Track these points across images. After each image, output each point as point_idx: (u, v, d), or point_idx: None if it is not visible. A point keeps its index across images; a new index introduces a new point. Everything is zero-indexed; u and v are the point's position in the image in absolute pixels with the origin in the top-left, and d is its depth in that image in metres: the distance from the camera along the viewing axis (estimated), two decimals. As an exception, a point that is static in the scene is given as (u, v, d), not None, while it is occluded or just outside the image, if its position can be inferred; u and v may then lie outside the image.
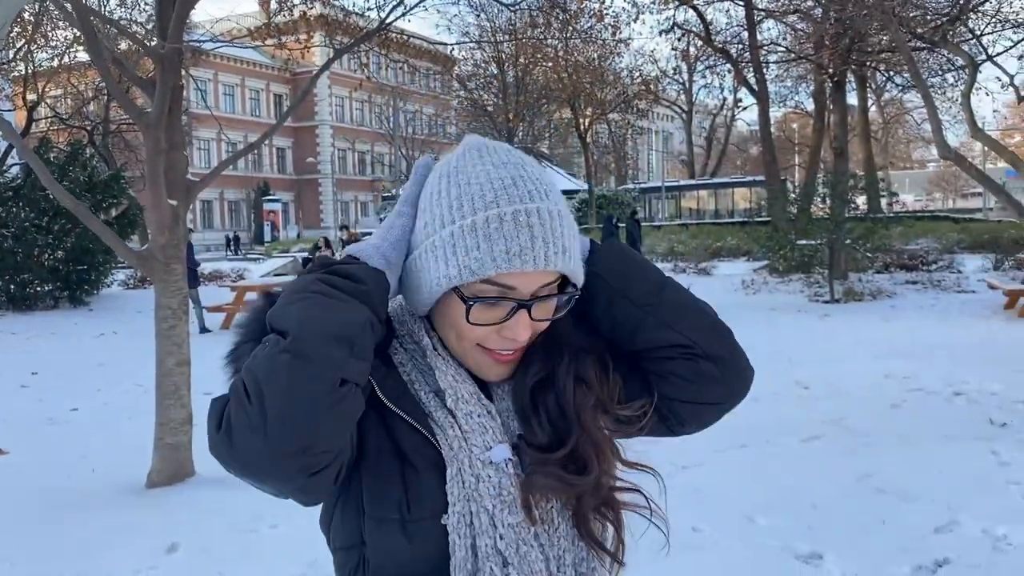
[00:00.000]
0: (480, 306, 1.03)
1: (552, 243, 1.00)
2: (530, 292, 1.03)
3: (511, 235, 0.99)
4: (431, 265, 1.03)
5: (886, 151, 54.59)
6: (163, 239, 5.47)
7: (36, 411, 7.85)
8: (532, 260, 0.99)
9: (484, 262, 0.99)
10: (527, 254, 0.99)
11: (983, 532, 4.17)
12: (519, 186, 1.02)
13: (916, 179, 78.92)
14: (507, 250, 0.99)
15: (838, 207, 15.19)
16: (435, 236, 1.03)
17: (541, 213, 1.01)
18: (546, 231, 1.00)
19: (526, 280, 1.02)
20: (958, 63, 18.23)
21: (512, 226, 0.99)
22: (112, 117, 26.00)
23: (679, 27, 21.65)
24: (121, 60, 6.03)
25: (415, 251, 1.06)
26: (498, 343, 1.06)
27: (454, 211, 1.02)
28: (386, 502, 1.04)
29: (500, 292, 1.02)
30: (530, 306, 1.03)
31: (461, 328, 1.06)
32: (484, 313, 1.03)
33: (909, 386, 7.62)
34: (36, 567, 4.15)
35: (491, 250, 0.99)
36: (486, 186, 1.02)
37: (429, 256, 1.04)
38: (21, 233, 16.30)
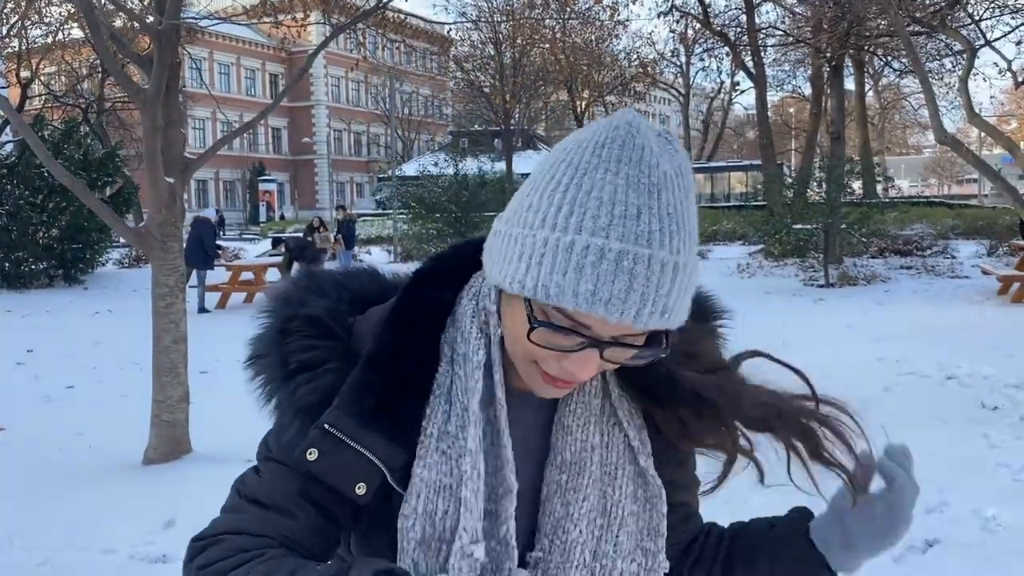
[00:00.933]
0: (546, 330, 0.87)
1: (652, 301, 0.83)
2: (609, 335, 0.86)
3: (606, 277, 0.82)
4: (511, 258, 0.87)
5: (883, 136, 54.57)
6: (160, 216, 5.47)
7: (32, 389, 7.86)
8: (619, 313, 0.82)
9: (564, 291, 0.83)
10: (615, 304, 0.82)
11: (973, 512, 4.22)
12: (641, 221, 0.83)
13: (912, 165, 78.94)
14: (594, 292, 0.82)
15: (834, 192, 15.21)
16: (526, 231, 0.86)
17: (652, 263, 0.83)
18: (649, 286, 0.83)
19: (607, 326, 0.85)
20: (956, 48, 18.23)
21: (612, 267, 0.82)
22: (107, 95, 25.86)
23: (677, 9, 21.61)
24: (118, 36, 6.01)
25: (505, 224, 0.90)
26: (556, 370, 0.89)
27: (559, 216, 0.85)
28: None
29: (572, 326, 0.86)
30: (604, 349, 0.87)
31: (518, 337, 0.90)
32: (549, 337, 0.87)
33: (902, 369, 7.66)
34: (34, 542, 4.18)
35: (577, 283, 0.82)
36: (605, 206, 0.83)
37: (511, 246, 0.88)
38: (16, 211, 16.27)
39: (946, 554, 3.79)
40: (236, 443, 3.31)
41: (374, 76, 47.17)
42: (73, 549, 4.08)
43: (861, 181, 19.54)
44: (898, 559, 3.76)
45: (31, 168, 16.16)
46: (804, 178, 17.09)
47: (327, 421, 0.89)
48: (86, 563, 3.96)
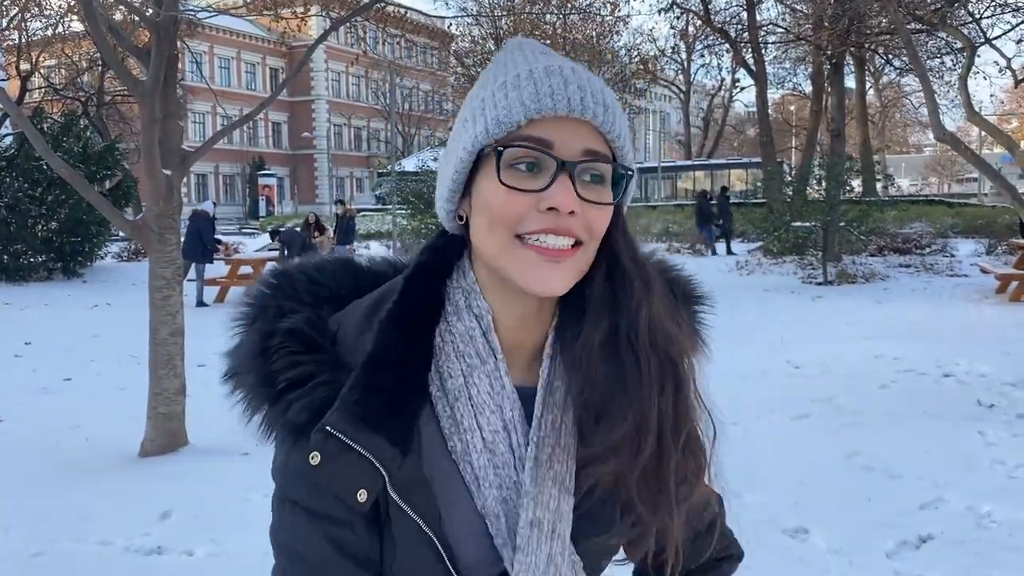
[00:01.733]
0: (514, 172, 0.87)
1: (590, 93, 0.87)
2: (573, 154, 0.87)
3: (541, 80, 0.87)
4: (460, 137, 0.91)
5: (883, 135, 54.56)
6: (157, 209, 5.47)
7: (30, 381, 7.87)
8: (566, 101, 0.86)
9: (512, 107, 0.86)
10: (559, 95, 0.86)
11: (967, 509, 4.23)
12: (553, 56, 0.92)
13: (912, 163, 78.88)
14: (536, 92, 0.86)
15: (833, 190, 15.21)
16: (465, 111, 0.92)
17: (576, 70, 0.90)
18: (582, 81, 0.88)
19: (564, 134, 0.86)
20: (956, 46, 18.21)
21: (543, 74, 0.88)
22: (107, 88, 25.84)
23: (678, 6, 21.57)
24: (117, 28, 6.00)
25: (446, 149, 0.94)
26: (539, 222, 0.86)
27: (487, 83, 0.91)
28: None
29: (536, 146, 0.86)
30: (573, 171, 0.86)
31: (495, 209, 0.88)
32: (520, 178, 0.87)
33: (899, 367, 7.67)
34: (31, 533, 4.18)
35: (520, 95, 0.87)
36: (518, 57, 0.92)
37: (459, 131, 0.91)
38: (14, 204, 16.24)
39: (940, 550, 3.80)
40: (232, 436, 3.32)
41: (374, 71, 47.05)
42: (69, 540, 4.09)
43: (861, 179, 19.55)
44: (892, 554, 3.78)
45: (30, 161, 16.13)
46: (804, 176, 17.08)
47: (328, 423, 0.85)
48: (82, 554, 3.96)
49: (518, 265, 0.87)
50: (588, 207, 0.87)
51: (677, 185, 46.79)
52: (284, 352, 0.89)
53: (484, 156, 0.88)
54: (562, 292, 0.89)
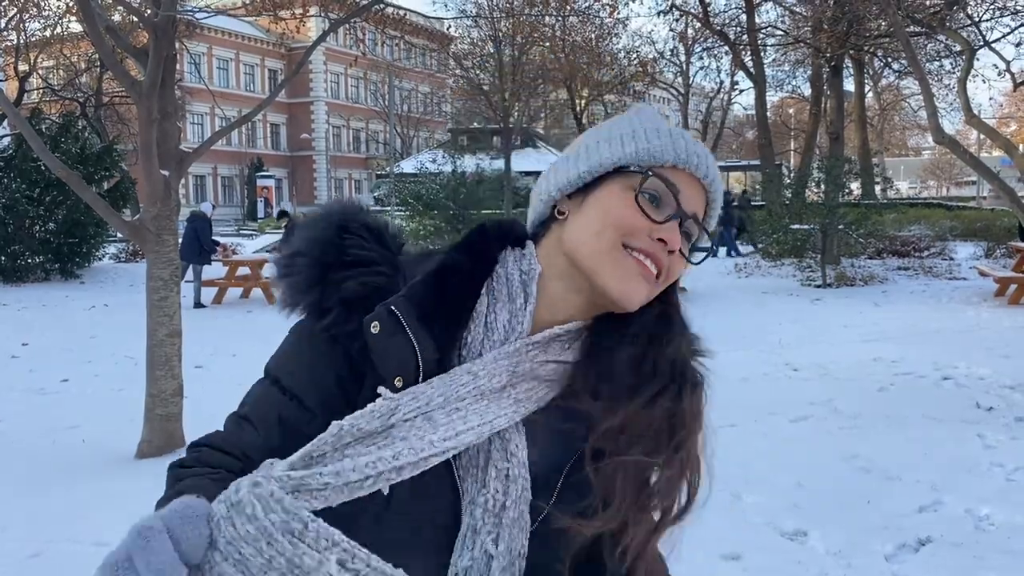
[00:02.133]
0: (643, 198, 0.99)
1: (714, 169, 1.04)
2: (689, 209, 1.01)
3: (688, 143, 1.02)
4: (603, 149, 1.03)
5: (882, 138, 54.55)
6: (155, 210, 5.46)
7: (26, 381, 7.85)
8: (705, 168, 1.02)
9: (666, 149, 1.00)
10: (701, 159, 1.02)
11: (966, 512, 4.22)
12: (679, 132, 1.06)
13: (911, 166, 78.96)
14: (686, 149, 1.01)
15: (832, 192, 15.20)
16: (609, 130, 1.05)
17: (689, 138, 1.04)
18: (699, 148, 1.03)
19: (689, 190, 1.01)
20: (955, 49, 18.23)
21: (683, 139, 1.02)
22: (105, 89, 25.82)
23: (677, 8, 21.58)
24: (115, 29, 5.99)
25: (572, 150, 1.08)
26: (646, 244, 0.98)
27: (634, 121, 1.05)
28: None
29: (670, 191, 1.00)
30: (687, 222, 1.01)
31: (613, 216, 0.99)
32: (646, 204, 0.99)
33: (898, 370, 7.66)
34: (27, 533, 4.17)
35: (672, 144, 1.01)
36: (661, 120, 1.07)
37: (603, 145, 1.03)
38: (12, 204, 16.21)
39: (939, 552, 3.79)
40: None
41: (373, 73, 47.08)
42: (65, 541, 4.07)
43: (860, 182, 19.55)
44: (891, 557, 3.77)
45: (28, 162, 16.11)
46: (803, 178, 17.08)
47: (394, 304, 0.93)
48: (78, 555, 3.95)
49: (617, 269, 0.98)
50: (677, 256, 1.00)
51: (676, 187, 46.79)
52: (358, 236, 1.00)
53: (620, 173, 1.00)
54: (635, 308, 0.99)
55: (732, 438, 5.53)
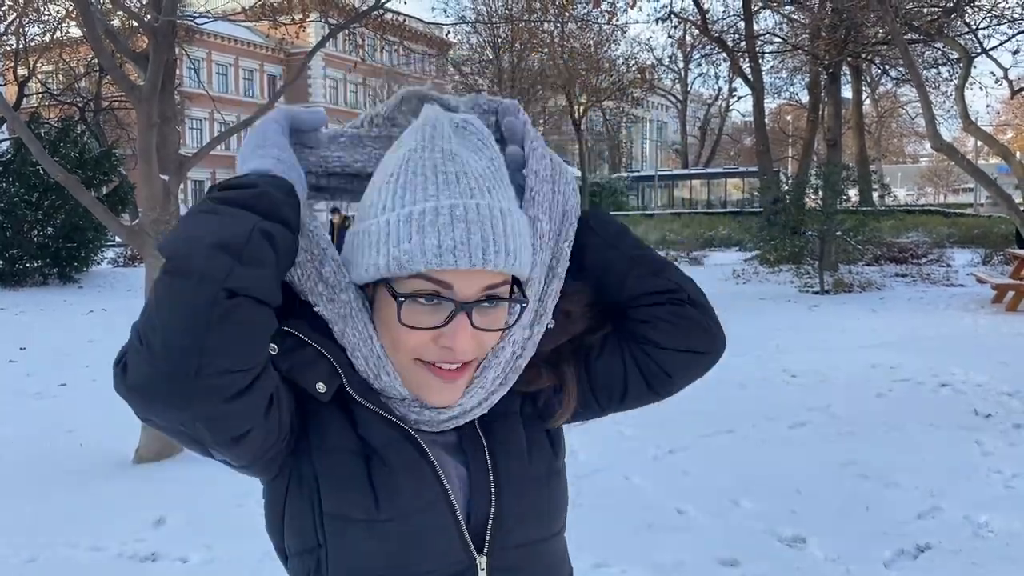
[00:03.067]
0: (413, 306, 0.95)
1: (492, 241, 0.93)
2: (471, 294, 0.95)
3: (446, 230, 0.91)
4: (365, 251, 0.97)
5: (879, 145, 54.71)
6: (154, 214, 5.46)
7: (24, 386, 7.84)
8: (468, 257, 0.91)
9: (413, 255, 0.92)
10: (461, 250, 0.91)
11: (965, 519, 4.22)
12: (461, 181, 0.95)
13: (908, 173, 79.10)
14: (439, 244, 0.91)
15: (830, 199, 15.22)
16: (373, 221, 0.97)
17: (481, 209, 0.93)
18: (485, 228, 0.93)
19: (464, 279, 0.94)
20: (953, 56, 18.28)
21: (448, 219, 0.92)
22: (104, 94, 25.80)
23: (676, 15, 21.60)
24: (115, 33, 5.99)
25: (358, 225, 1.00)
26: (437, 354, 0.97)
27: (395, 198, 0.95)
28: (350, 502, 0.99)
29: (435, 289, 0.94)
30: (470, 310, 0.95)
31: (396, 334, 0.97)
32: (419, 315, 0.95)
33: (895, 376, 7.66)
34: (24, 539, 4.16)
35: (422, 243, 0.92)
36: (430, 178, 0.95)
37: (364, 240, 0.97)
38: (11, 208, 16.21)
39: (938, 559, 3.79)
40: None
41: (372, 78, 47.16)
42: (62, 546, 4.06)
43: (857, 189, 19.58)
44: (889, 564, 3.76)
45: (27, 166, 16.11)
46: (801, 185, 17.10)
47: (288, 324, 0.97)
48: (75, 560, 3.94)
49: (418, 382, 1.00)
50: (483, 334, 0.98)
51: (674, 194, 46.90)
52: None
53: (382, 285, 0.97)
54: (455, 403, 1.01)
55: (730, 444, 5.53)
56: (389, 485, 0.99)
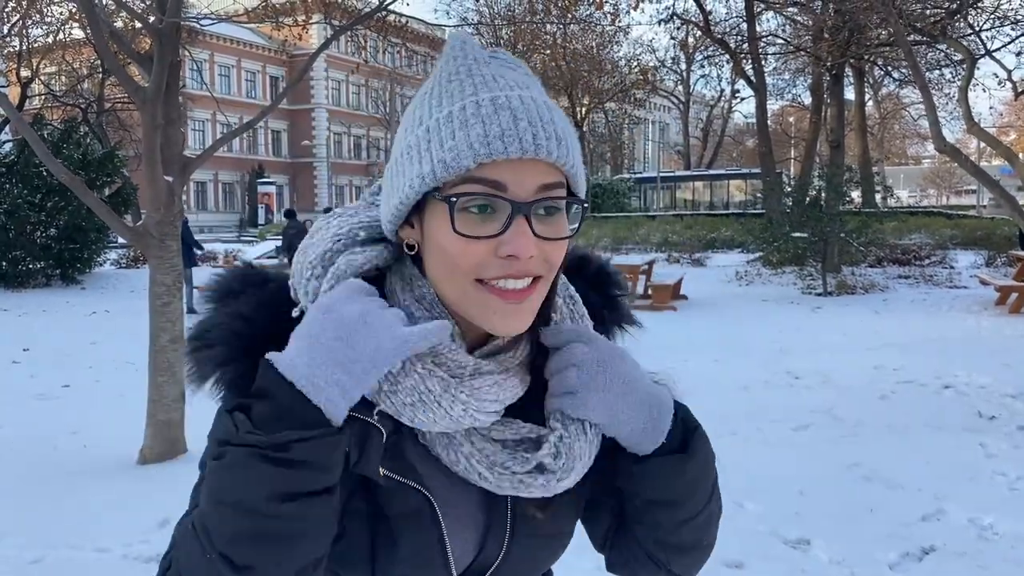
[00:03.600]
0: (468, 216, 0.85)
1: (542, 127, 0.85)
2: (527, 193, 0.85)
3: (490, 118, 0.84)
4: (406, 167, 0.88)
5: (882, 146, 54.68)
6: (158, 215, 5.46)
7: (27, 387, 7.84)
8: (518, 143, 0.83)
9: (460, 151, 0.83)
10: (510, 136, 0.83)
11: (969, 521, 4.22)
12: (499, 80, 0.88)
13: (911, 175, 79.04)
14: (486, 133, 0.83)
15: (833, 200, 15.21)
16: (410, 136, 0.89)
17: (524, 100, 0.86)
18: (532, 114, 0.85)
19: (517, 174, 0.84)
20: (956, 58, 18.27)
21: (491, 109, 0.84)
22: (107, 95, 25.82)
23: (678, 17, 21.63)
24: (118, 34, 6.00)
25: (395, 152, 0.92)
26: (499, 268, 0.86)
27: (432, 106, 0.88)
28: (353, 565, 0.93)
29: (487, 191, 0.84)
30: (529, 212, 0.85)
31: (452, 257, 0.87)
32: (475, 224, 0.85)
33: (899, 378, 7.66)
34: (28, 539, 4.16)
35: (467, 136, 0.84)
36: (466, 80, 0.88)
37: (404, 161, 0.89)
38: (14, 210, 16.23)
39: (942, 562, 3.78)
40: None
41: (375, 80, 47.24)
42: (67, 547, 4.07)
43: (860, 190, 19.56)
44: (894, 566, 3.76)
45: (30, 167, 16.14)
46: (803, 186, 17.09)
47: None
48: (79, 561, 3.94)
49: (482, 309, 0.88)
50: (545, 244, 0.87)
51: (676, 195, 46.86)
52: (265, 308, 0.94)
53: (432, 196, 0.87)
54: (524, 330, 0.90)
55: (734, 446, 5.52)
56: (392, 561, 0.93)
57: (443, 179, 0.85)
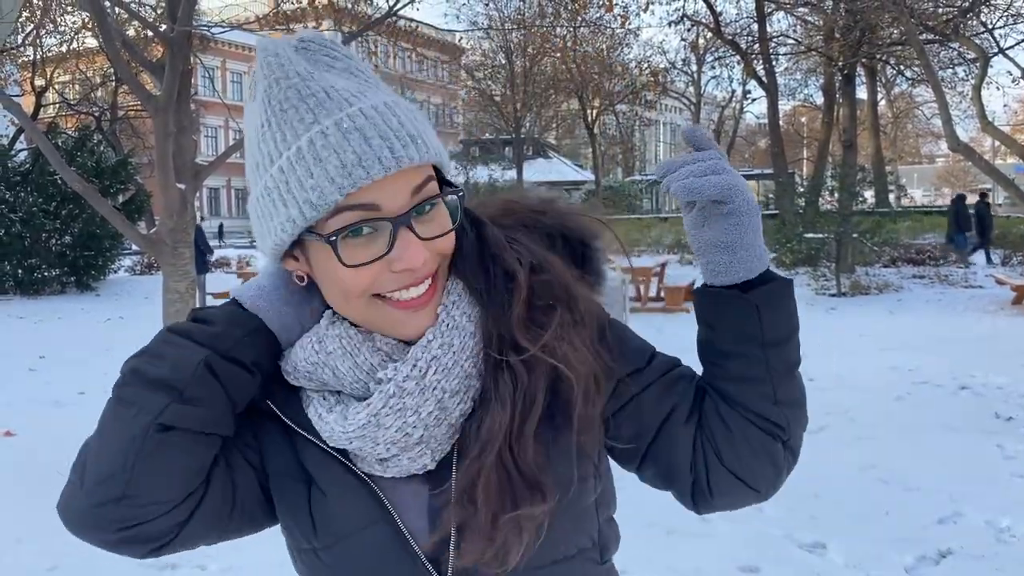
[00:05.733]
0: (350, 242, 0.85)
1: (394, 136, 0.84)
2: (401, 204, 0.85)
3: (342, 147, 0.82)
4: (271, 211, 0.87)
5: (895, 145, 54.39)
6: (171, 223, 5.49)
7: (43, 394, 7.89)
8: (378, 163, 0.82)
9: (323, 188, 0.82)
10: (368, 159, 0.82)
11: (986, 523, 4.18)
12: (332, 96, 0.85)
13: (925, 174, 78.63)
14: (342, 164, 0.82)
15: (846, 200, 15.13)
16: (265, 177, 0.87)
17: (365, 112, 0.84)
18: (380, 127, 0.84)
19: (387, 191, 0.84)
20: (969, 56, 18.16)
21: (339, 137, 0.82)
22: (120, 103, 26.02)
23: (688, 18, 21.58)
24: (130, 43, 6.04)
25: (253, 192, 0.91)
26: (395, 282, 0.87)
27: (277, 141, 0.86)
28: (299, 528, 0.98)
29: (364, 215, 0.84)
30: (408, 222, 0.85)
31: (345, 282, 0.87)
32: (359, 250, 0.85)
33: (914, 379, 7.61)
34: (44, 546, 4.18)
35: (326, 172, 0.82)
36: (300, 106, 0.85)
37: (266, 203, 0.88)
38: (29, 218, 16.36)
39: (959, 565, 3.75)
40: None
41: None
42: (81, 554, 4.06)
43: (873, 190, 19.45)
44: (911, 569, 3.73)
45: (45, 175, 16.27)
46: (816, 187, 17.01)
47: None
48: (96, 568, 3.94)
49: (387, 322, 0.90)
50: (433, 243, 0.88)
51: (688, 197, 46.80)
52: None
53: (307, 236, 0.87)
54: (433, 324, 0.91)
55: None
56: (322, 509, 0.96)
57: (313, 219, 0.84)
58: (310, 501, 0.96)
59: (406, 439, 0.90)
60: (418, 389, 0.89)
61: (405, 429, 0.90)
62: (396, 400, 0.89)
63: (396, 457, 0.92)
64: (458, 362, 0.91)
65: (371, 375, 0.91)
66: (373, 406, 0.89)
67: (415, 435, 0.90)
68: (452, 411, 0.91)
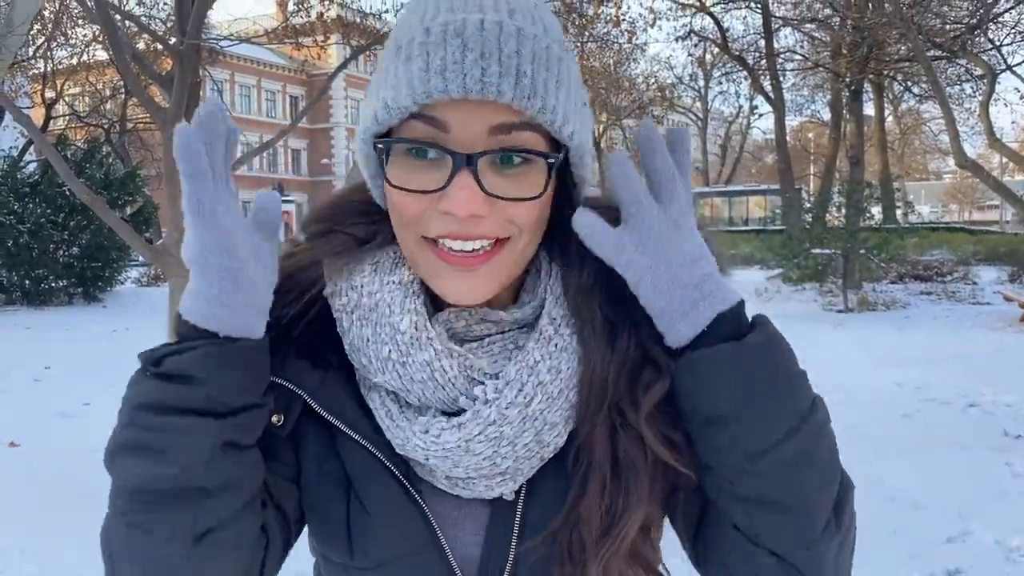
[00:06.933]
0: (404, 161, 0.73)
1: (498, 60, 0.68)
2: (473, 139, 0.71)
3: (435, 48, 0.68)
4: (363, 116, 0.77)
5: (902, 161, 54.35)
6: (178, 235, 5.50)
7: (49, 405, 7.89)
8: (460, 77, 0.67)
9: (399, 90, 0.70)
10: (453, 70, 0.67)
11: (996, 543, 4.14)
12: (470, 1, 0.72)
13: (932, 190, 78.49)
14: (426, 67, 0.68)
15: (853, 216, 15.12)
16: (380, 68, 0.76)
17: (487, 24, 0.69)
18: (488, 44, 0.68)
19: (463, 117, 0.70)
20: (977, 73, 18.16)
21: (439, 37, 0.69)
22: (129, 115, 26.16)
23: (695, 34, 21.66)
24: (140, 56, 6.08)
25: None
26: (441, 224, 0.73)
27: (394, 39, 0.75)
28: (331, 541, 0.85)
29: (432, 133, 0.71)
30: (474, 162, 0.70)
31: (396, 205, 0.75)
32: (412, 174, 0.73)
33: (922, 396, 7.56)
34: (47, 558, 4.17)
35: (408, 74, 0.69)
36: (431, 4, 0.74)
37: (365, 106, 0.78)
38: (37, 229, 16.42)
39: (969, 585, 3.71)
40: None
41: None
42: (84, 567, 4.06)
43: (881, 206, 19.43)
44: (919, 589, 3.69)
45: (53, 187, 16.34)
46: (823, 202, 17.00)
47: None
48: (97, 581, 3.94)
49: (428, 270, 0.77)
50: (504, 203, 0.73)
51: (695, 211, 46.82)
52: None
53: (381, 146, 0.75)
54: (480, 301, 0.77)
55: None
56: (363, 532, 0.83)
57: (385, 122, 0.73)
58: (348, 515, 0.83)
59: (492, 468, 0.79)
60: (519, 419, 0.77)
61: (495, 459, 0.78)
62: (495, 429, 0.77)
63: (471, 480, 0.81)
64: (563, 391, 0.79)
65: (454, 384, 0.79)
66: (467, 430, 0.77)
67: (502, 465, 0.79)
68: (547, 444, 0.80)
